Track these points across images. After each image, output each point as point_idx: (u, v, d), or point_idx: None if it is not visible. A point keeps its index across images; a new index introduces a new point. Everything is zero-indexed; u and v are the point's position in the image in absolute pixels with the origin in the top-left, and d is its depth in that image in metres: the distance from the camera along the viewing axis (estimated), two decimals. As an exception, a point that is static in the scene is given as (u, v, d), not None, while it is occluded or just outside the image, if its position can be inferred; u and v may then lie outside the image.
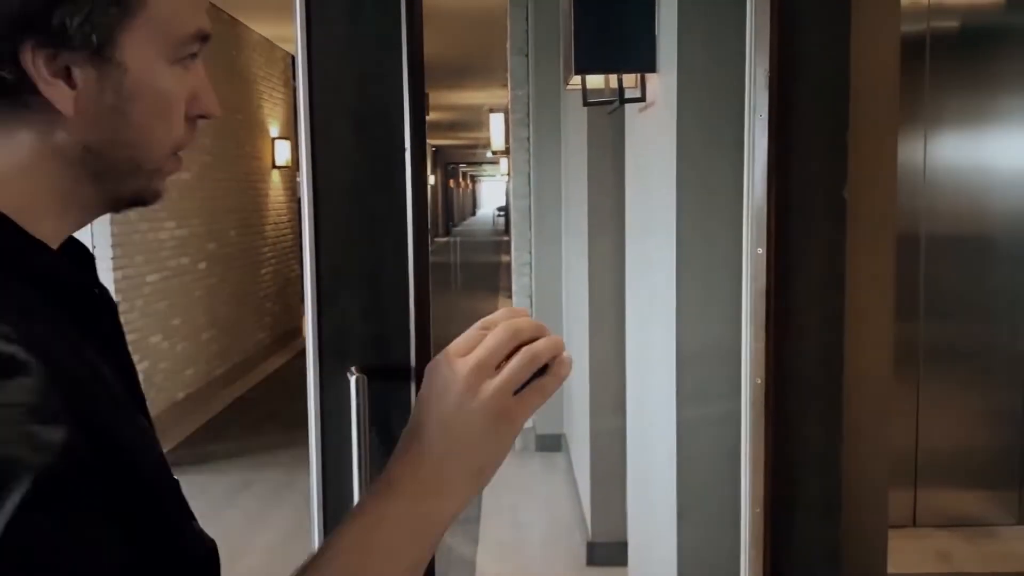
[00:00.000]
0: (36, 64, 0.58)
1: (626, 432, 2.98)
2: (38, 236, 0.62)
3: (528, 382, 0.66)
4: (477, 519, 4.51)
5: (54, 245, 0.65)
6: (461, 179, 38.66)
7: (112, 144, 0.64)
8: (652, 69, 2.19)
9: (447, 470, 0.66)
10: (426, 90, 1.78)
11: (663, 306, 2.17)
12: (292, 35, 1.63)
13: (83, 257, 0.71)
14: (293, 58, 1.60)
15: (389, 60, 1.64)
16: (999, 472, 3.77)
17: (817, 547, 1.78)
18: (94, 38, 0.60)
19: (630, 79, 2.28)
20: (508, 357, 0.66)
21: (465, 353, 0.66)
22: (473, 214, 47.12)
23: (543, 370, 0.67)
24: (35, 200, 0.63)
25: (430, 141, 20.29)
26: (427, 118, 2.16)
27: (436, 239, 25.97)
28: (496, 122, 8.45)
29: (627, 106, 2.47)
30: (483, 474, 0.67)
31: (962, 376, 3.80)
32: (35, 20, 0.57)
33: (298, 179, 1.77)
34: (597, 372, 3.81)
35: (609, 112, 2.94)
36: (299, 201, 1.66)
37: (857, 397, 1.78)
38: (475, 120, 15.02)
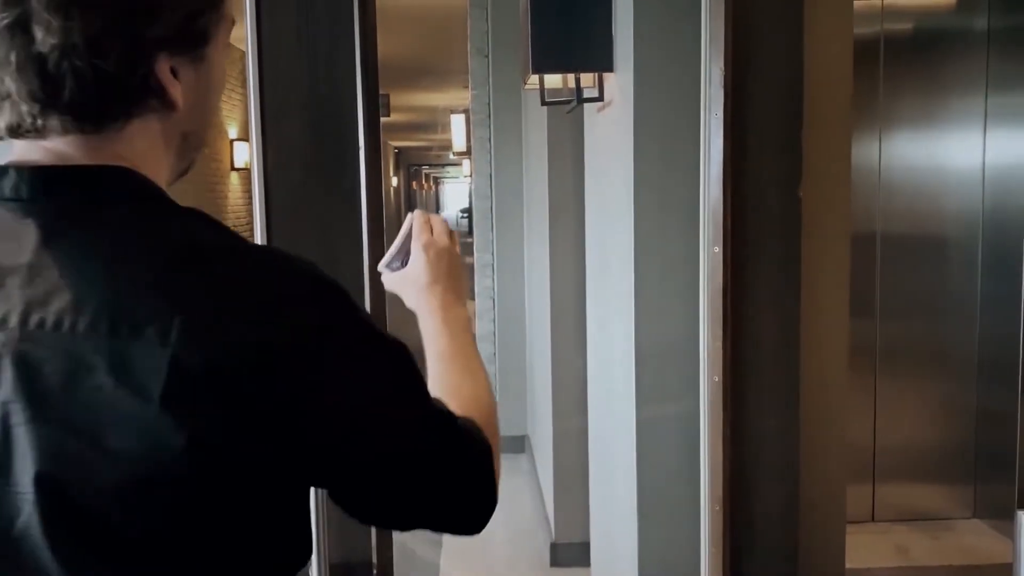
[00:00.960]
0: (164, 71, 0.70)
1: (588, 432, 2.98)
2: None
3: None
4: (440, 522, 4.48)
5: None
6: (424, 181, 38.55)
7: (198, 127, 0.78)
8: (609, 68, 2.19)
9: (457, 290, 1.04)
10: (387, 91, 1.76)
11: (622, 305, 2.17)
12: (241, 33, 1.60)
13: None
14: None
15: (342, 57, 1.62)
16: (954, 467, 3.83)
17: (776, 544, 1.78)
18: (202, 41, 0.74)
19: (588, 79, 2.27)
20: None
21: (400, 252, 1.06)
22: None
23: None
24: (158, 178, 0.75)
25: (392, 143, 20.19)
26: (389, 120, 2.14)
27: (399, 241, 25.76)
28: (457, 123, 8.43)
29: (585, 106, 2.47)
30: (466, 287, 1.07)
31: (918, 373, 3.86)
32: (177, 35, 0.70)
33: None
34: (559, 373, 3.81)
35: (567, 112, 2.94)
36: (252, 201, 1.63)
37: (814, 395, 1.79)
38: (437, 121, 14.98)
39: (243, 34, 1.60)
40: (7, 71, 0.66)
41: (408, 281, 1.05)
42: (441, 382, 0.96)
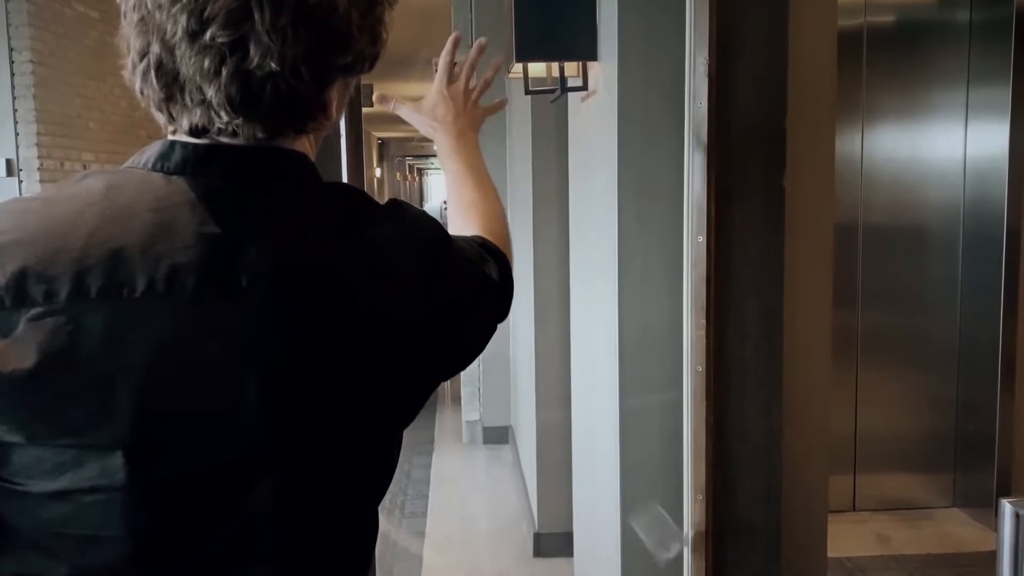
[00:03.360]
0: (332, 91, 0.78)
1: (571, 423, 2.98)
2: None
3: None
4: (424, 513, 4.48)
5: None
6: (408, 172, 38.43)
7: (334, 129, 0.92)
8: (593, 57, 2.18)
9: (470, 120, 1.23)
10: (370, 82, 1.75)
11: (605, 296, 2.17)
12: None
13: None
14: None
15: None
16: (935, 457, 3.87)
17: (759, 533, 1.79)
18: (368, 68, 0.81)
19: (572, 67, 2.26)
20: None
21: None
22: (420, 207, 46.81)
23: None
24: None
25: (376, 134, 20.10)
26: (372, 110, 2.13)
27: (383, 232, 25.72)
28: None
29: (570, 95, 2.46)
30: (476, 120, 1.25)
31: (898, 363, 3.88)
32: (358, 61, 0.78)
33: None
34: (543, 363, 3.81)
35: (551, 101, 2.93)
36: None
37: (797, 384, 1.79)
38: (421, 112, 14.88)
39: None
40: (211, 81, 0.71)
41: (425, 111, 1.23)
42: (460, 197, 1.18)
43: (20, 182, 5.16)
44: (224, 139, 0.76)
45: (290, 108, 0.74)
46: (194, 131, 0.75)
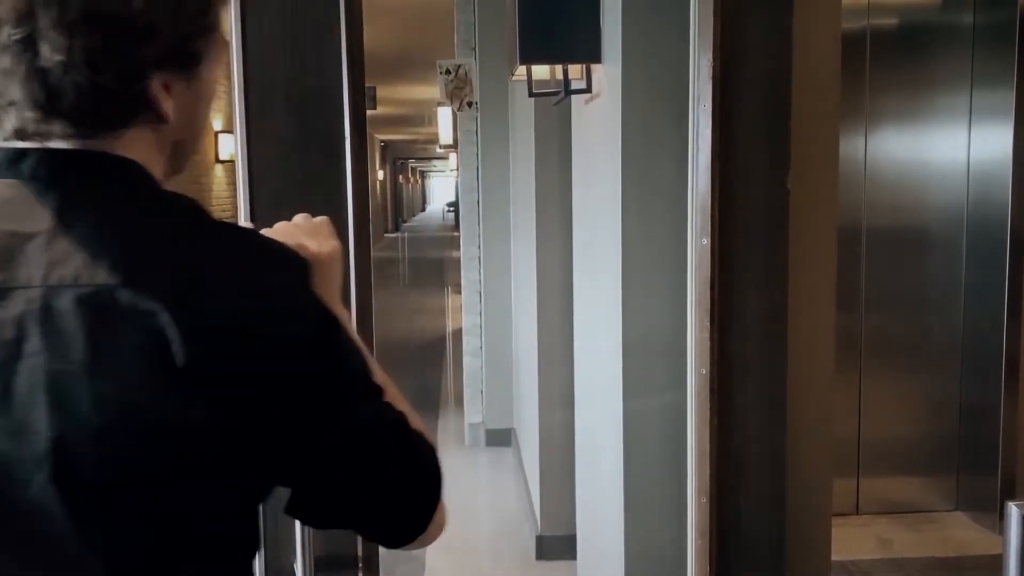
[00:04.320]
0: (157, 87, 0.77)
1: (574, 425, 2.98)
2: None
3: None
4: (426, 515, 4.48)
5: None
6: (410, 175, 38.42)
7: (189, 136, 0.86)
8: (597, 60, 2.18)
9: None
10: (373, 84, 1.74)
11: (609, 297, 2.17)
12: (225, 26, 1.58)
13: None
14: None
15: (328, 49, 1.60)
16: (938, 460, 3.85)
17: (762, 536, 1.79)
18: (194, 61, 0.81)
19: (575, 70, 2.27)
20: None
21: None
22: (423, 210, 46.91)
23: None
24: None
25: (379, 136, 20.11)
26: (375, 113, 2.13)
27: (386, 235, 25.77)
28: (444, 116, 8.39)
29: (573, 97, 2.46)
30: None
31: (902, 366, 3.87)
32: (170, 55, 0.77)
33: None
34: (545, 365, 3.80)
35: (555, 103, 2.93)
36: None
37: (801, 387, 1.79)
38: (424, 114, 14.92)
39: (227, 24, 1.58)
40: (14, 80, 0.73)
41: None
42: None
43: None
44: (51, 144, 0.76)
45: (93, 105, 0.74)
46: (17, 135, 0.76)
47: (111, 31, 0.72)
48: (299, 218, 1.00)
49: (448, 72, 2.12)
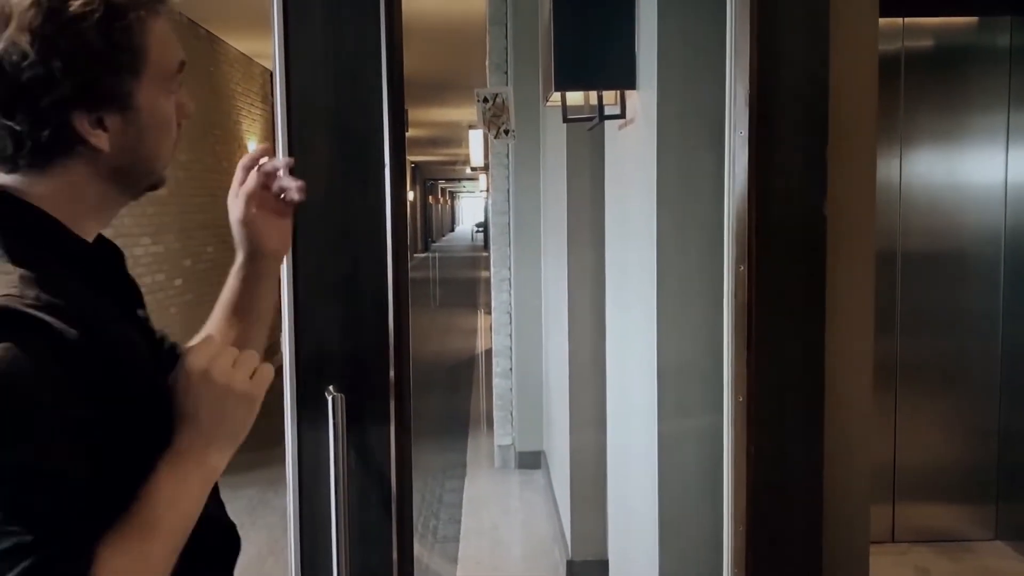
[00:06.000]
0: (82, 124, 0.84)
1: (606, 449, 2.97)
2: (81, 234, 0.91)
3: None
4: (456, 538, 4.47)
5: (90, 238, 0.93)
6: (440, 195, 38.63)
7: (134, 162, 0.90)
8: (632, 86, 2.19)
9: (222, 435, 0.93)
10: (405, 107, 1.77)
11: (643, 322, 2.16)
12: (270, 50, 1.61)
13: (112, 250, 0.99)
14: (271, 73, 1.64)
15: (369, 75, 1.63)
16: (976, 487, 3.79)
17: (800, 566, 1.77)
18: (119, 96, 0.86)
19: (610, 96, 2.28)
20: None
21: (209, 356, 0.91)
22: (452, 230, 47.11)
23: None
24: (81, 209, 0.90)
25: (410, 157, 20.28)
26: (407, 134, 2.15)
27: (415, 255, 25.90)
28: (475, 138, 8.45)
29: (607, 123, 2.47)
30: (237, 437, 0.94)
31: (938, 391, 3.82)
32: (82, 96, 0.83)
33: (276, 195, 1.75)
34: (577, 388, 3.79)
35: (589, 129, 2.94)
36: (277, 217, 1.63)
37: (839, 414, 1.77)
38: (454, 136, 15.03)
39: (270, 51, 1.62)
40: None
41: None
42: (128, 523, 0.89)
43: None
44: None
45: (13, 145, 0.83)
46: None
47: (13, 82, 0.81)
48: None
49: (486, 100, 2.15)
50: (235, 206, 1.14)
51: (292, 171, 1.20)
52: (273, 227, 1.17)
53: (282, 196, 1.17)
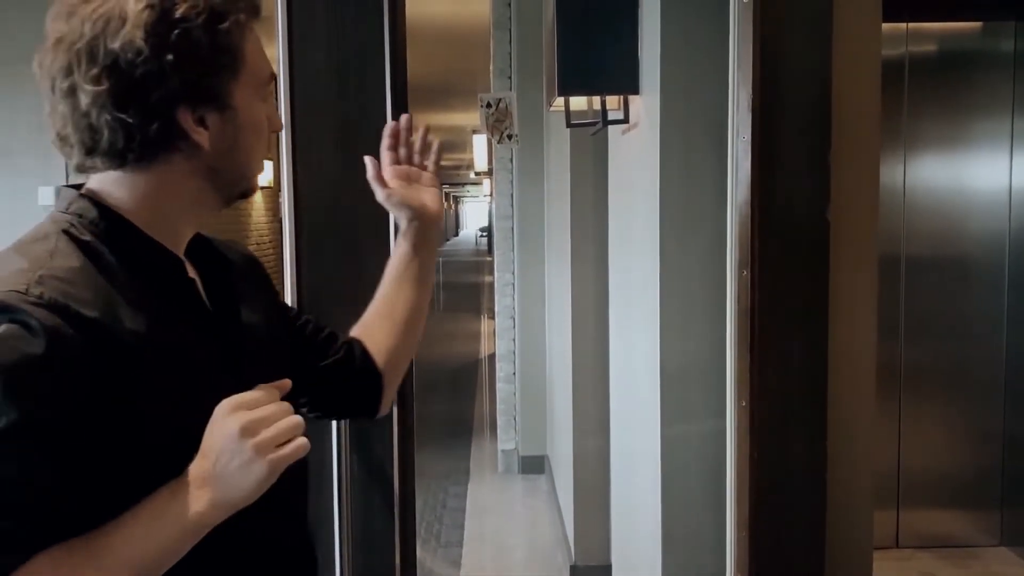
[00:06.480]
0: (186, 120, 0.90)
1: (609, 453, 2.97)
2: (178, 230, 0.97)
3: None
4: (459, 543, 4.46)
5: (189, 235, 1.00)
6: (445, 200, 38.62)
7: (229, 164, 0.96)
8: (635, 91, 2.19)
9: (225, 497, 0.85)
10: (409, 112, 1.78)
11: (647, 326, 2.16)
12: (274, 54, 1.62)
13: (210, 255, 1.04)
14: (275, 77, 1.65)
15: (372, 80, 1.63)
16: (981, 493, 3.78)
17: (802, 571, 1.76)
18: (220, 95, 0.92)
19: (613, 101, 2.28)
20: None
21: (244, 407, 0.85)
22: (456, 234, 47.17)
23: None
24: (177, 207, 0.96)
25: (413, 162, 20.26)
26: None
27: (419, 259, 25.80)
28: (479, 143, 8.46)
29: (610, 127, 2.48)
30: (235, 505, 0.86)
31: (943, 396, 3.81)
32: (188, 92, 0.89)
33: (280, 200, 1.76)
34: (580, 392, 3.79)
35: (592, 134, 2.95)
36: (281, 222, 1.64)
37: (841, 419, 1.77)
38: (458, 141, 15.04)
39: (274, 54, 1.62)
40: (70, 123, 0.89)
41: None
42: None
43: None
44: (97, 176, 0.94)
45: (124, 138, 0.89)
46: (77, 169, 0.94)
47: (128, 77, 0.86)
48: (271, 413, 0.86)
49: (489, 105, 2.15)
50: (377, 188, 1.24)
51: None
52: (424, 194, 1.25)
53: (418, 162, 1.26)
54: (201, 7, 0.89)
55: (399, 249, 1.27)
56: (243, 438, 0.82)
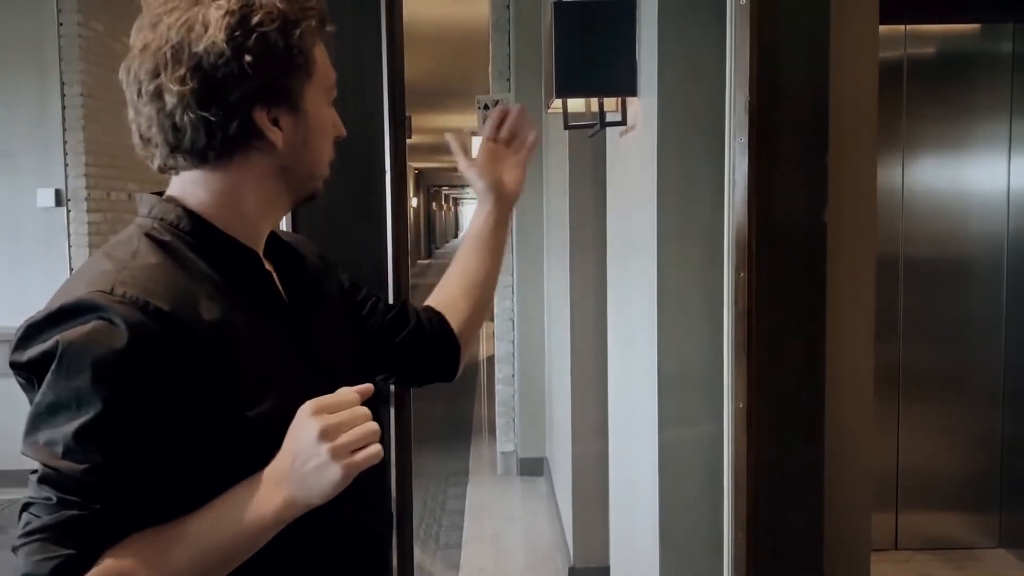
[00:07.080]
0: (262, 119, 0.96)
1: (608, 455, 2.97)
2: (255, 228, 1.02)
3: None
4: (458, 544, 4.46)
5: (265, 233, 1.04)
6: (444, 202, 38.66)
7: (300, 164, 1.01)
8: (633, 93, 2.20)
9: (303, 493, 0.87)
10: (409, 113, 1.78)
11: (644, 328, 2.16)
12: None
13: (287, 253, 1.08)
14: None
15: (369, 81, 1.63)
16: (979, 495, 3.77)
17: (801, 573, 1.76)
18: (292, 97, 0.98)
19: (611, 103, 2.28)
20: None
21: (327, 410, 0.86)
22: (456, 236, 47.16)
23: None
24: (256, 202, 1.00)
25: (413, 164, 20.30)
26: (410, 141, 2.16)
27: (419, 261, 25.91)
28: (479, 145, 8.47)
29: (608, 129, 2.48)
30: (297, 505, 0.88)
31: (941, 399, 3.81)
32: (264, 93, 0.95)
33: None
34: (579, 395, 3.79)
35: (590, 135, 2.95)
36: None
37: (839, 421, 1.77)
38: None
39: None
40: (154, 123, 0.95)
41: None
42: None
43: (68, 211, 5.28)
44: (179, 176, 0.99)
45: (207, 136, 0.94)
46: (159, 169, 1.00)
47: (211, 77, 0.92)
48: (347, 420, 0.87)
49: (487, 107, 2.16)
50: (460, 158, 1.36)
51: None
52: (504, 172, 1.37)
53: (514, 142, 1.37)
54: (276, 14, 0.95)
55: (475, 220, 1.37)
56: (321, 441, 0.84)
